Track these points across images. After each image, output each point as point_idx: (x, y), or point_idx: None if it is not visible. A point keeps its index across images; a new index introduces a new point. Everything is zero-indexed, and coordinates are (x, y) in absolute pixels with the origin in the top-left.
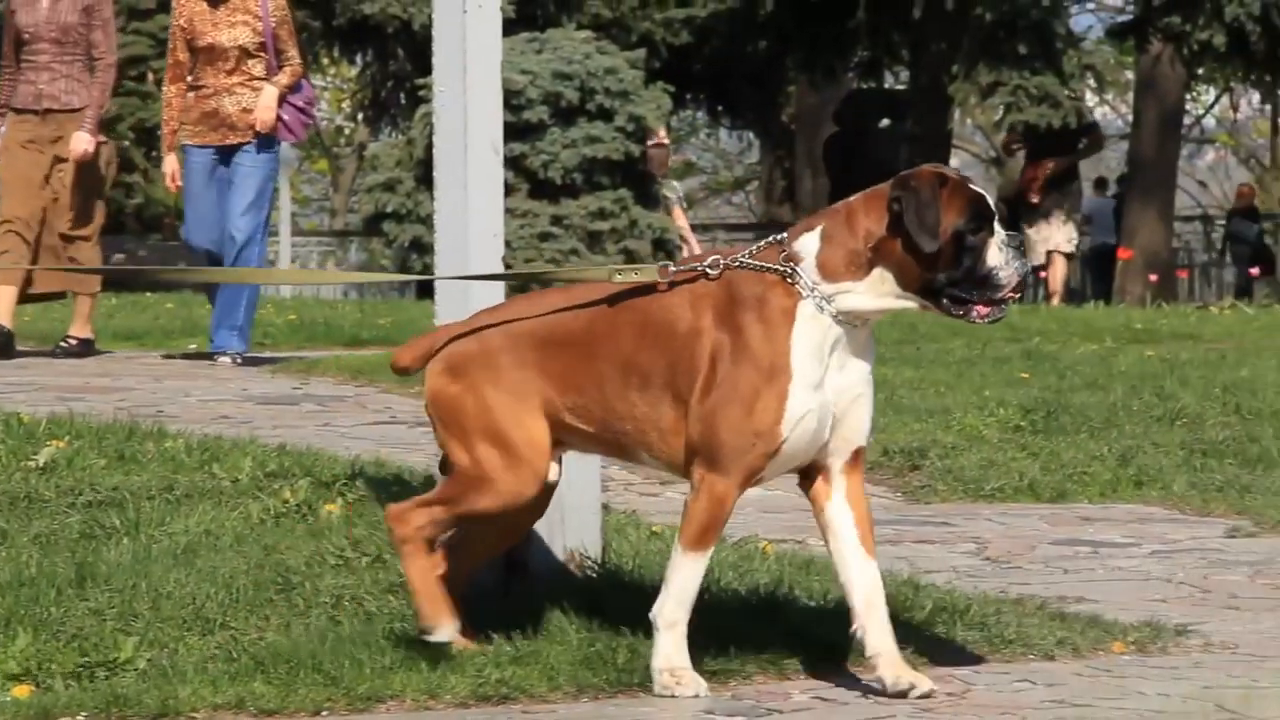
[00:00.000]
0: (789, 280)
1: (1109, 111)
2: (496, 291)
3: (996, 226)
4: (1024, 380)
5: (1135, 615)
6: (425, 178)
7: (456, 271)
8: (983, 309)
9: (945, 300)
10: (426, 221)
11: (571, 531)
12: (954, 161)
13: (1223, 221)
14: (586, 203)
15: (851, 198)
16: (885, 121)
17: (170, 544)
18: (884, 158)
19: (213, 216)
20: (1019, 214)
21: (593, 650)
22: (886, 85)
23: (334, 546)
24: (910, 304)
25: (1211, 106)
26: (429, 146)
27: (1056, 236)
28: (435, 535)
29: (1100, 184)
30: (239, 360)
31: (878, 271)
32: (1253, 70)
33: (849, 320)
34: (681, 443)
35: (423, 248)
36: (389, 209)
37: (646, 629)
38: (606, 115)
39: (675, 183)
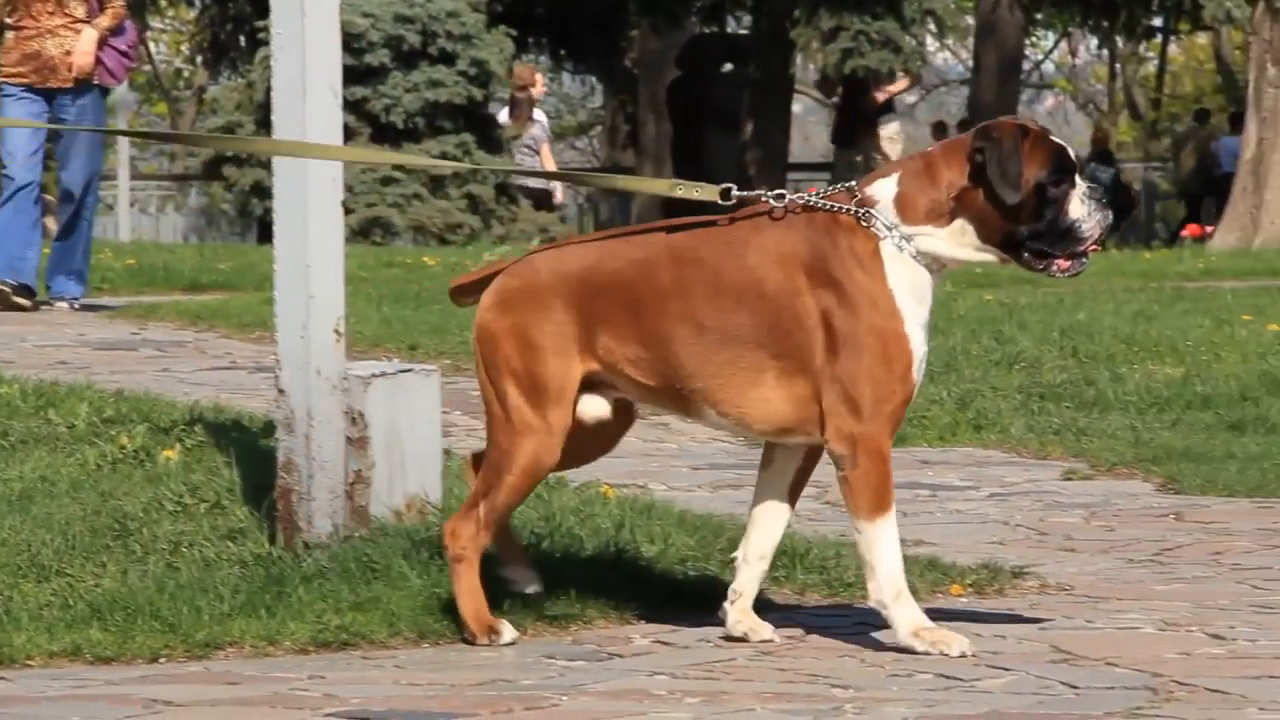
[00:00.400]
0: (863, 222)
1: (950, 57)
2: (337, 247)
3: (1078, 179)
4: None
5: (973, 557)
6: (266, 121)
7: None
8: (1063, 263)
9: (1026, 254)
10: (267, 165)
11: (412, 477)
12: (796, 107)
13: None
14: (429, 147)
15: (928, 149)
16: (728, 66)
17: (5, 490)
18: (726, 103)
19: (29, 149)
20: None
21: (434, 596)
22: (729, 30)
23: (172, 492)
24: (989, 257)
25: (1050, 51)
26: (269, 90)
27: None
28: (488, 539)
29: (940, 129)
30: (76, 305)
31: (959, 223)
32: (1090, 15)
33: (927, 264)
34: (767, 404)
35: (263, 192)
36: (229, 153)
37: (486, 573)
38: (449, 59)
39: (544, 120)
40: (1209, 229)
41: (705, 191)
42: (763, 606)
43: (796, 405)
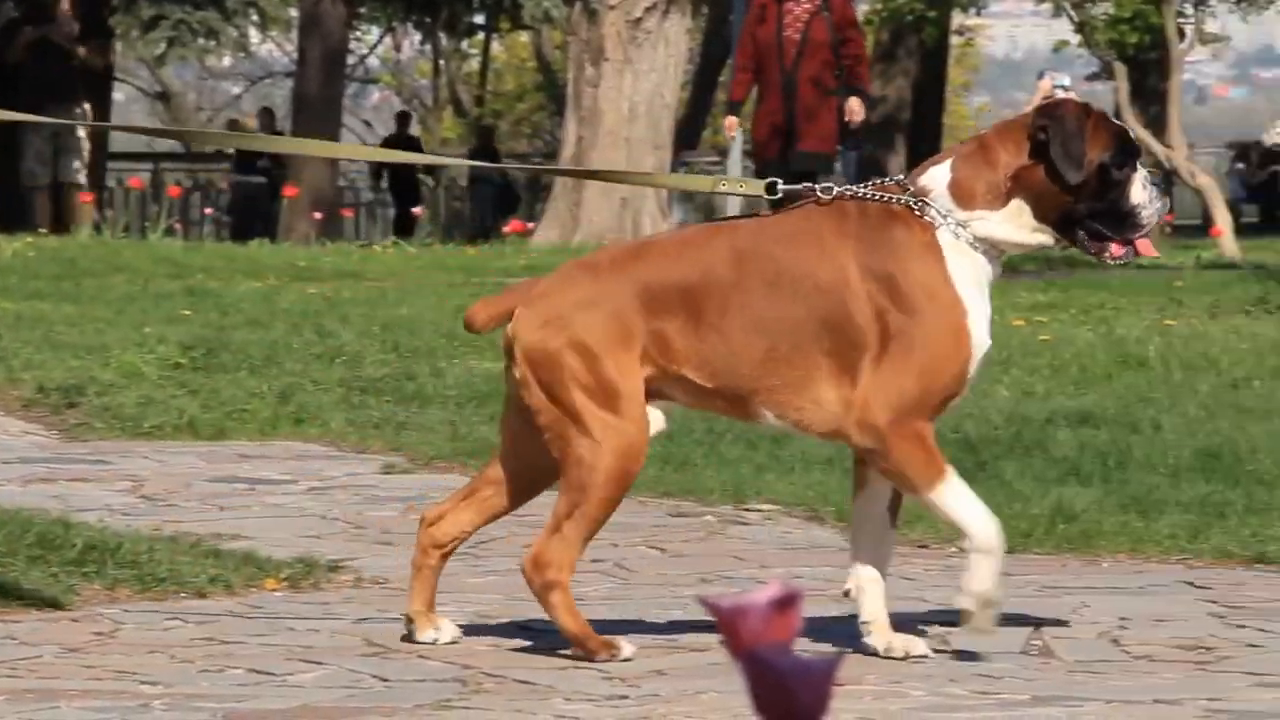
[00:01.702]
0: (918, 212)
1: (275, 49)
2: None
3: (1139, 164)
4: (186, 317)
5: (289, 552)
6: None
7: None
8: (1117, 249)
9: (1082, 233)
10: None
11: None
12: (118, 95)
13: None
14: None
15: (980, 132)
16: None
17: None
18: (43, 93)
19: None
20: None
21: None
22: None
23: None
24: (1046, 239)
25: (375, 46)
26: None
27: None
28: (576, 561)
29: (267, 115)
30: None
31: (1016, 203)
32: (413, 11)
33: (985, 251)
34: (826, 404)
35: None
36: None
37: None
38: None
39: None
40: (531, 225)
41: (750, 187)
42: (69, 601)
43: (849, 407)
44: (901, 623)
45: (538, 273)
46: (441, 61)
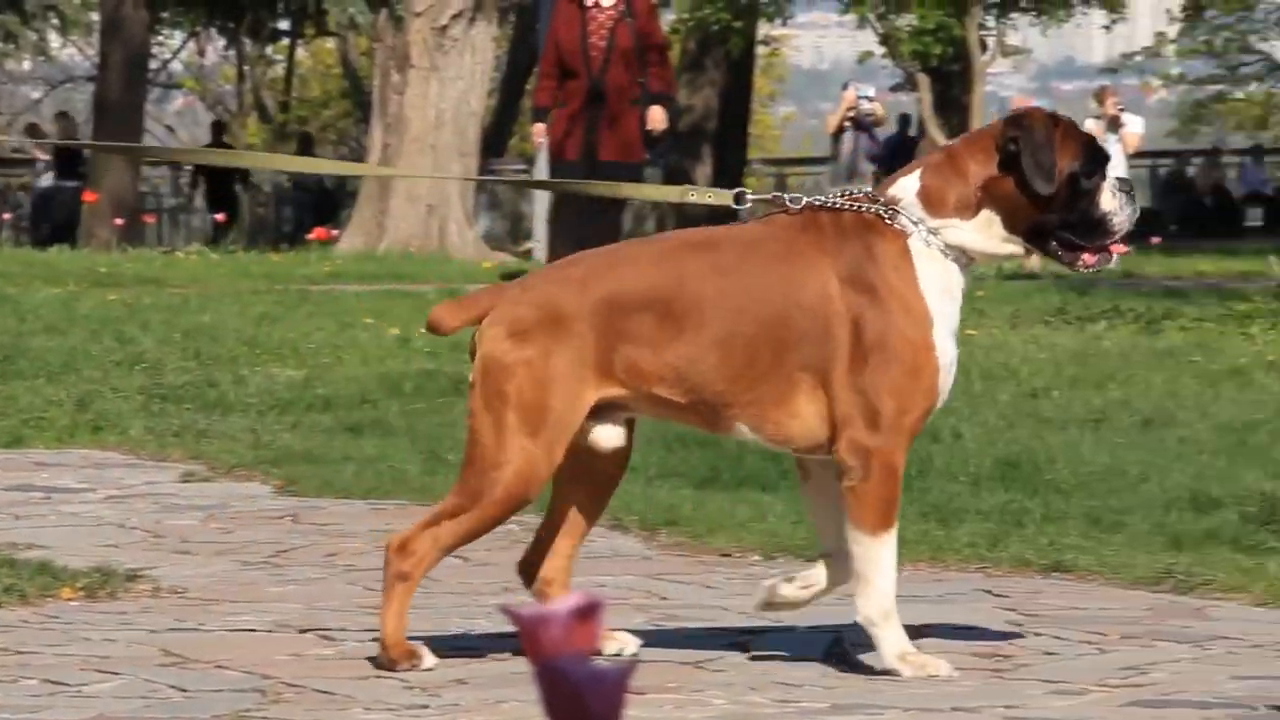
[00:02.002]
0: (888, 220)
1: (76, 53)
2: None
3: (1108, 170)
4: None
5: (87, 561)
6: None
7: None
8: (1090, 257)
9: (1054, 243)
10: None
11: None
12: None
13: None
14: None
15: (946, 144)
16: None
17: None
18: None
19: None
20: None
21: None
22: None
23: None
24: (1015, 249)
25: (179, 51)
26: None
27: None
28: (437, 562)
29: (63, 118)
30: None
31: (985, 214)
32: (216, 16)
33: (956, 258)
34: (804, 418)
35: None
36: None
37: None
38: None
39: None
40: (335, 232)
41: (719, 197)
42: None
43: (829, 420)
44: (706, 633)
45: (342, 279)
46: (246, 67)
